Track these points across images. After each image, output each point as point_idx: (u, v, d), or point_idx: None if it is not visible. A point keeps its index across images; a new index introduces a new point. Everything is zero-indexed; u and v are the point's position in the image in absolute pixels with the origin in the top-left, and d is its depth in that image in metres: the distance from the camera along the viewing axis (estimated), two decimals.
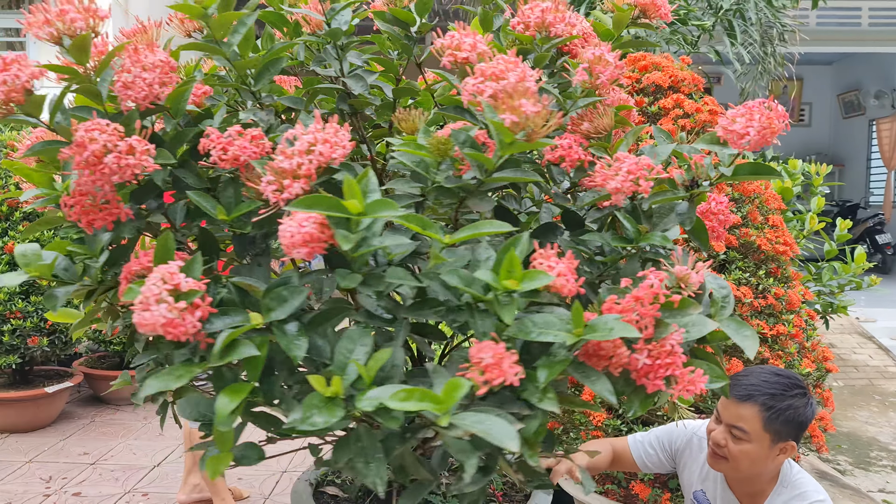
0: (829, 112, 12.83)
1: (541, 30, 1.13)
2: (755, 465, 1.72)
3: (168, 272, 0.83)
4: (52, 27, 0.96)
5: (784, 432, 1.68)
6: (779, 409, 1.66)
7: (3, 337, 4.02)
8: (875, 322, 7.57)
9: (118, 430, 4.39)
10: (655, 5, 1.15)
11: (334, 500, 1.47)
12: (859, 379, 6.33)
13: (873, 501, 3.78)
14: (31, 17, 0.97)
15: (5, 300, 4.02)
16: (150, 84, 0.99)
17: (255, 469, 3.81)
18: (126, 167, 0.91)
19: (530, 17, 1.12)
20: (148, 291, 0.81)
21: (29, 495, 3.47)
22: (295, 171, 0.88)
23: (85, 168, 0.92)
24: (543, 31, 1.13)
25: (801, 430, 1.70)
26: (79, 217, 0.98)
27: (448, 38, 1.05)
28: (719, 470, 1.81)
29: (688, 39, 4.19)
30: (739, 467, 1.72)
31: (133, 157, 0.92)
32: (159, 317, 0.80)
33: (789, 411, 1.66)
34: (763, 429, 1.67)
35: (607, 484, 2.82)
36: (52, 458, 3.95)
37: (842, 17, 9.22)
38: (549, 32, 1.13)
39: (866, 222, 10.90)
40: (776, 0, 4.51)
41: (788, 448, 1.71)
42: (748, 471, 1.74)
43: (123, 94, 1.00)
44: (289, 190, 0.87)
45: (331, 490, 1.51)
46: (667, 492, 2.71)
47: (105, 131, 0.92)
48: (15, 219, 4.13)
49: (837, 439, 4.97)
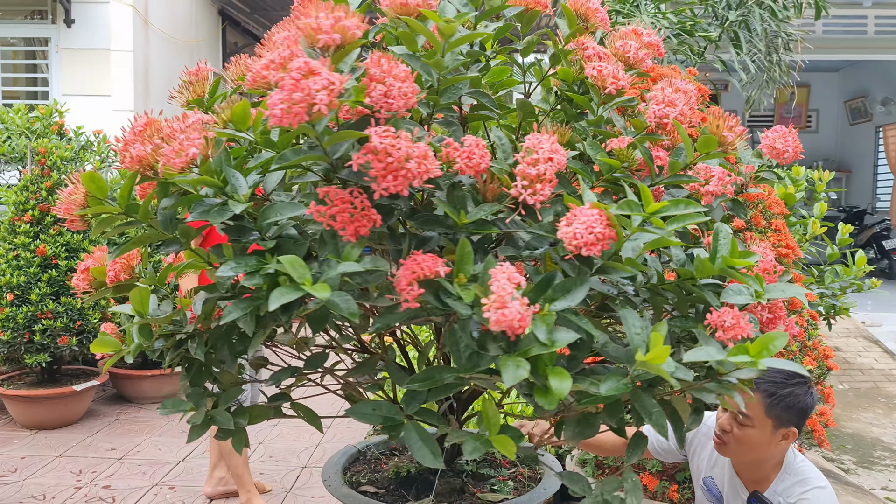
0: (836, 118, 12.92)
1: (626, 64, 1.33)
2: (758, 450, 1.84)
3: (510, 272, 0.92)
4: (320, 34, 0.98)
5: (785, 418, 1.80)
6: (780, 395, 1.78)
7: (35, 336, 4.19)
8: (881, 326, 7.67)
9: (143, 427, 4.54)
10: (593, 11, 1.30)
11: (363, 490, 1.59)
12: (864, 382, 6.42)
13: (876, 499, 3.88)
14: (304, 21, 0.99)
15: (37, 301, 4.18)
16: (405, 93, 1.01)
17: (276, 464, 3.96)
18: (425, 171, 0.97)
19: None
20: (502, 290, 0.89)
21: (61, 488, 3.63)
22: (541, 175, 1.03)
23: (386, 174, 0.95)
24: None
25: (802, 417, 1.82)
26: (343, 225, 0.99)
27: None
28: (725, 455, 1.93)
29: (694, 50, 4.33)
30: (744, 452, 1.85)
31: (429, 162, 0.97)
32: (515, 313, 0.88)
33: (790, 398, 1.79)
34: (765, 414, 1.79)
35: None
36: (81, 452, 4.10)
37: (848, 25, 9.32)
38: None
39: (873, 228, 10.98)
40: (780, 11, 4.64)
41: (790, 434, 1.82)
42: (752, 455, 1.86)
43: (383, 103, 1.00)
44: (541, 192, 1.02)
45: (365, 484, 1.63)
46: (674, 483, 2.84)
47: (399, 138, 0.96)
48: (46, 223, 4.29)
49: (842, 439, 5.08)
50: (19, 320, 4.13)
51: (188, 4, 8.72)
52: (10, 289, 4.18)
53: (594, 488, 1.17)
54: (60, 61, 7.44)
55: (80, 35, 7.40)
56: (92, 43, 7.39)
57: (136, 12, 7.43)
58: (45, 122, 5.79)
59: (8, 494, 3.53)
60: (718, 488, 2.07)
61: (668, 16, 3.97)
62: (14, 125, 5.75)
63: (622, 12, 4.06)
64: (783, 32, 5.69)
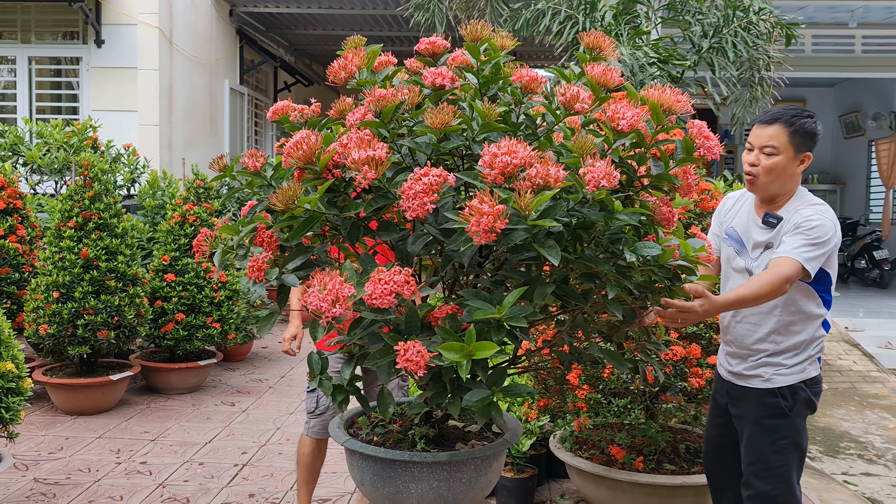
0: (830, 132, 13.33)
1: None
2: (784, 176, 2.31)
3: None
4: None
5: (803, 144, 2.29)
6: (799, 123, 2.28)
7: (78, 330, 4.67)
8: (863, 332, 8.06)
9: (171, 414, 5.01)
10: (536, 81, 1.72)
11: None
12: (842, 382, 6.83)
13: (832, 480, 4.30)
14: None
15: (80, 298, 4.67)
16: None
17: (294, 446, 4.41)
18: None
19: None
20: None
21: (103, 463, 4.09)
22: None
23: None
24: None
25: (813, 141, 2.31)
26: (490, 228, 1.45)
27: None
28: (755, 190, 2.38)
29: (672, 75, 4.79)
30: (771, 180, 2.31)
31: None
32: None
33: (806, 125, 2.29)
34: (789, 141, 2.28)
35: (591, 450, 3.39)
36: (118, 435, 4.57)
37: (836, 44, 9.75)
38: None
39: (864, 238, 11.37)
40: (752, 39, 5.10)
41: (806, 159, 2.31)
42: (778, 182, 2.32)
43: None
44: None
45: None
46: (640, 456, 3.27)
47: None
48: (88, 228, 4.78)
49: (812, 432, 5.49)
50: (64, 315, 4.62)
51: (209, 25, 9.26)
52: (56, 287, 4.67)
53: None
54: (90, 79, 7.98)
55: (110, 55, 7.94)
56: (120, 62, 7.93)
57: (161, 33, 7.96)
58: (80, 136, 6.30)
59: (58, 468, 4.00)
60: (738, 233, 2.50)
61: (644, 48, 4.44)
62: (52, 139, 6.27)
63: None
64: (765, 55, 6.14)
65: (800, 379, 2.37)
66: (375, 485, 1.84)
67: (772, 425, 2.38)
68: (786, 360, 2.37)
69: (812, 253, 2.23)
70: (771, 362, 2.39)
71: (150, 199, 6.49)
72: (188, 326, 5.38)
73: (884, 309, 9.32)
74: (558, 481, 3.88)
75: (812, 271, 2.23)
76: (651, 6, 5.44)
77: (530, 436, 3.58)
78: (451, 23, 7.07)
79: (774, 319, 2.37)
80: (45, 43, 8.24)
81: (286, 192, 1.56)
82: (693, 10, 5.55)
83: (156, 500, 3.61)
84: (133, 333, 4.93)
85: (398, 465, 1.79)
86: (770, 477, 2.38)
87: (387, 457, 1.80)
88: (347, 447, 1.89)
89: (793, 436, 2.37)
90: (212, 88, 9.34)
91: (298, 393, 5.65)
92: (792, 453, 2.38)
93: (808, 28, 9.30)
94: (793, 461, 2.38)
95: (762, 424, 2.39)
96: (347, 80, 1.86)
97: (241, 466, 4.09)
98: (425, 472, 1.78)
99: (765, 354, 2.40)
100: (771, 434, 2.38)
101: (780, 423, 2.37)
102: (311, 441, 3.06)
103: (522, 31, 5.92)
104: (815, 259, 2.24)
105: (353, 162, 1.55)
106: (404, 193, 1.50)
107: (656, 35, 5.33)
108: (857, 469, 4.74)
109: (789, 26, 5.52)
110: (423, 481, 1.78)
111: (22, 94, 8.07)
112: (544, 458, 3.73)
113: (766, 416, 2.39)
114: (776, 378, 2.38)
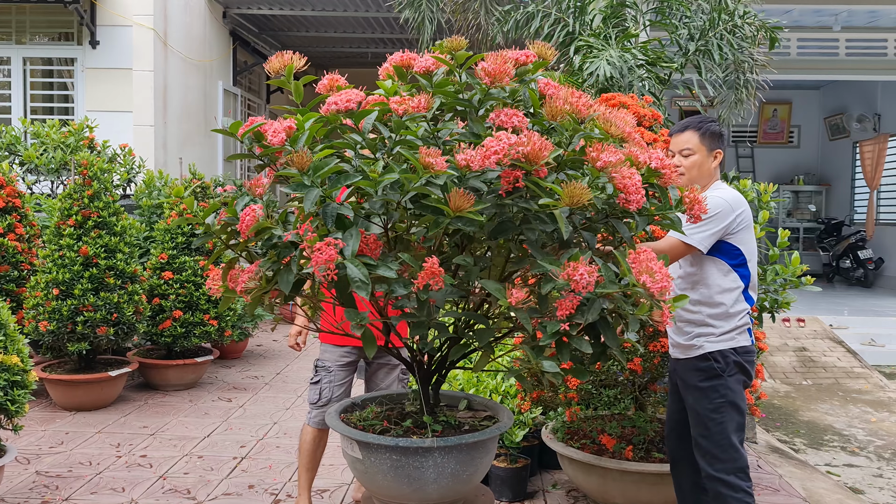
0: (816, 134, 13.54)
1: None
2: (702, 170, 2.74)
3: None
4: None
5: (713, 143, 2.74)
6: (706, 126, 2.74)
7: (77, 327, 4.74)
8: (847, 329, 8.23)
9: (169, 410, 5.09)
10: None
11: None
12: (826, 378, 6.98)
13: (815, 470, 4.43)
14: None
15: (79, 295, 4.74)
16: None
17: (291, 439, 4.50)
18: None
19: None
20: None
21: (104, 456, 4.17)
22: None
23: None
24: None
25: (721, 140, 2.76)
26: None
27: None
28: (683, 183, 2.67)
29: (660, 77, 4.92)
30: (693, 174, 2.73)
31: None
32: None
33: (712, 128, 2.75)
34: (700, 142, 2.72)
35: (583, 440, 3.50)
36: (118, 429, 4.65)
37: (820, 47, 9.92)
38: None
39: (849, 238, 11.57)
40: (736, 42, 5.23)
41: (718, 155, 2.76)
42: (699, 174, 2.74)
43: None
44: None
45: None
46: (630, 445, 3.39)
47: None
48: (88, 226, 4.86)
49: (797, 426, 5.63)
50: (64, 312, 4.69)
51: (203, 26, 9.33)
52: (56, 284, 4.74)
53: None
54: (85, 80, 8.03)
55: (105, 56, 7.99)
56: (115, 63, 7.98)
57: (156, 35, 8.03)
58: (77, 136, 6.37)
59: (59, 461, 4.08)
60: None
61: (632, 51, 4.56)
62: (49, 139, 6.33)
63: (595, 46, 4.65)
64: (749, 58, 6.28)
65: (730, 346, 2.65)
66: (395, 474, 1.90)
67: (708, 387, 2.65)
68: (714, 330, 2.65)
69: (696, 229, 2.55)
70: (702, 332, 2.67)
71: (146, 199, 6.56)
72: (185, 323, 5.46)
73: (868, 307, 9.50)
74: (550, 472, 3.99)
75: (698, 245, 2.58)
76: (639, 10, 5.57)
77: (523, 427, 3.68)
78: (443, 24, 7.18)
79: (698, 293, 2.68)
80: (39, 44, 8.28)
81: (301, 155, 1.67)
82: (680, 14, 5.69)
83: (157, 492, 3.69)
84: (131, 330, 5.00)
85: (420, 452, 1.88)
86: (711, 434, 2.64)
87: (407, 445, 1.88)
88: (360, 440, 1.94)
89: (727, 395, 2.64)
90: (206, 89, 9.41)
91: (294, 389, 5.74)
92: (728, 412, 2.64)
93: (793, 31, 9.48)
94: (731, 420, 2.64)
95: (699, 387, 2.67)
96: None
97: (240, 459, 4.18)
98: (443, 457, 1.88)
99: (695, 325, 2.68)
100: (708, 394, 2.65)
101: (715, 383, 2.64)
102: (312, 430, 3.19)
103: (512, 33, 6.03)
104: (698, 233, 2.57)
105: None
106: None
107: (644, 38, 5.46)
108: (840, 461, 4.87)
109: (773, 29, 5.66)
110: (441, 466, 1.88)
111: (16, 95, 8.11)
112: (537, 449, 3.83)
113: (702, 378, 2.66)
114: (707, 345, 2.66)
